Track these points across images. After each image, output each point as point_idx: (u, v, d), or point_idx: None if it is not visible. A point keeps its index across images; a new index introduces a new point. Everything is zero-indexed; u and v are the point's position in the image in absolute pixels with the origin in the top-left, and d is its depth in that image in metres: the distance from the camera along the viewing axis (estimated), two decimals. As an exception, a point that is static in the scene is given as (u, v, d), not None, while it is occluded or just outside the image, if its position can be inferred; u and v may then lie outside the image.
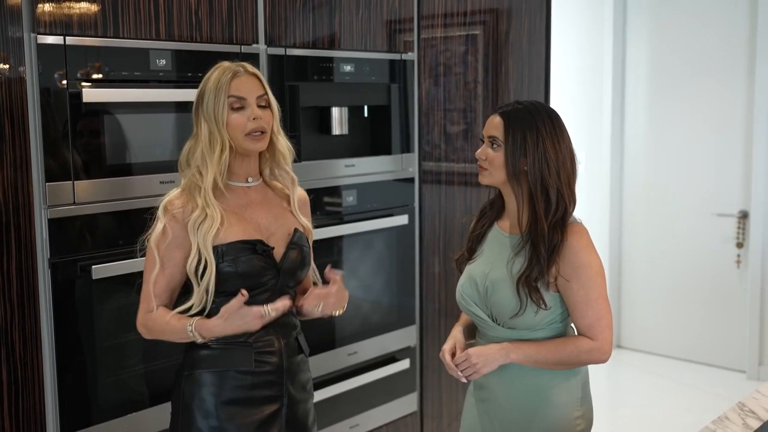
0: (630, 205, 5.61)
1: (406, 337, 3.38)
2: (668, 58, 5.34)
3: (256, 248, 2.01)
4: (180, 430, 2.05)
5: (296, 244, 2.10)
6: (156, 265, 1.99)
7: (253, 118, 2.01)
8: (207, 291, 1.98)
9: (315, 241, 2.90)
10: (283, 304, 2.00)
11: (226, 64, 2.06)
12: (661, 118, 5.41)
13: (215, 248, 1.98)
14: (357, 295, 3.20)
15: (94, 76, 2.31)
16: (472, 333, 2.24)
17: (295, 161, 2.82)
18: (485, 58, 3.61)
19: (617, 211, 5.64)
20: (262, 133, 2.04)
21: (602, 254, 5.36)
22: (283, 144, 2.13)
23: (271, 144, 2.10)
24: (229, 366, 2.02)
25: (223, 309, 1.95)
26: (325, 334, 3.05)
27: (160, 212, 2.01)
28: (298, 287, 2.18)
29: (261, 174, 2.15)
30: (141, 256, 2.09)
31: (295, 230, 2.12)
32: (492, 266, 2.11)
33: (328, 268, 2.11)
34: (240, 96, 2.01)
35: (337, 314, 2.16)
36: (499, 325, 2.10)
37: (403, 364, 3.35)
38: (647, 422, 4.46)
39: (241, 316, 1.95)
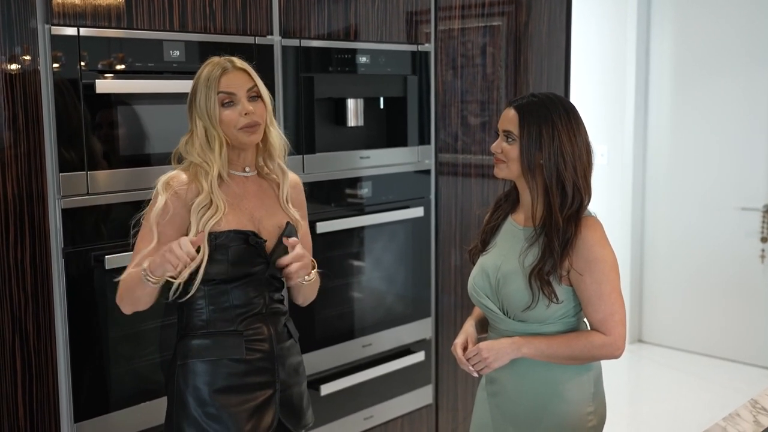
0: (652, 199, 5.55)
1: (422, 329, 3.37)
2: (692, 51, 5.27)
3: (249, 240, 2.03)
4: (175, 420, 2.07)
5: (287, 236, 2.10)
6: (153, 240, 1.97)
7: (245, 114, 2.03)
8: (196, 274, 1.97)
9: (331, 233, 2.92)
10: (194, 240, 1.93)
11: (215, 59, 2.07)
12: (684, 111, 5.34)
13: (209, 235, 1.98)
14: (372, 287, 3.19)
15: (108, 67, 2.33)
16: (484, 327, 2.23)
17: (310, 153, 2.85)
18: (504, 50, 3.58)
19: (639, 204, 5.58)
20: (255, 126, 2.05)
21: (624, 248, 5.42)
22: (276, 136, 2.13)
23: (264, 136, 2.11)
24: (221, 355, 2.04)
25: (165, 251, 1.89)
26: (340, 326, 3.06)
27: (160, 188, 2.01)
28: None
29: (257, 166, 2.16)
30: (134, 234, 2.07)
31: (287, 223, 2.13)
32: (504, 259, 2.10)
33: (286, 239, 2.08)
34: (229, 92, 2.03)
35: (309, 279, 2.12)
36: (510, 318, 2.09)
37: (419, 357, 3.34)
38: (666, 417, 4.42)
39: (172, 260, 1.87)
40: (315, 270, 2.16)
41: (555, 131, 2.01)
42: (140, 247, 2.01)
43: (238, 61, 2.07)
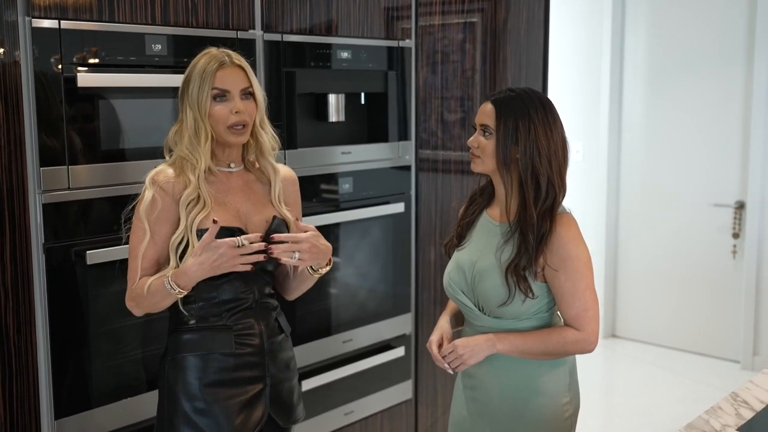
0: (626, 195, 5.61)
1: (402, 324, 3.38)
2: (666, 48, 5.33)
3: (235, 235, 1.99)
4: (166, 414, 2.06)
5: (274, 231, 2.09)
6: (146, 235, 1.98)
7: (235, 112, 2.02)
8: None
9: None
10: (255, 235, 1.97)
11: (213, 51, 2.05)
12: (658, 108, 5.40)
13: (197, 232, 1.98)
14: (352, 283, 3.19)
15: (90, 61, 2.30)
16: (459, 321, 2.25)
17: (291, 148, 2.84)
18: (483, 46, 3.60)
19: (614, 200, 5.64)
20: (244, 126, 2.05)
21: (598, 243, 5.47)
22: (267, 136, 2.12)
23: (255, 136, 2.10)
24: (212, 349, 2.04)
25: (196, 247, 1.92)
26: (320, 321, 3.05)
27: (147, 183, 2.02)
28: (275, 271, 2.19)
29: (243, 160, 2.15)
30: (126, 231, 2.06)
31: (274, 217, 2.11)
32: (480, 255, 2.11)
33: (294, 220, 2.10)
34: (223, 89, 2.01)
35: (322, 271, 2.11)
36: (485, 314, 2.10)
37: (398, 352, 3.35)
38: (640, 411, 4.47)
39: (214, 249, 1.91)
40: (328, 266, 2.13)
41: (531, 125, 2.02)
42: (134, 244, 2.01)
43: (236, 57, 2.06)
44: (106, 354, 2.41)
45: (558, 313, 2.13)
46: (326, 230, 3.02)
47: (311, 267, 2.10)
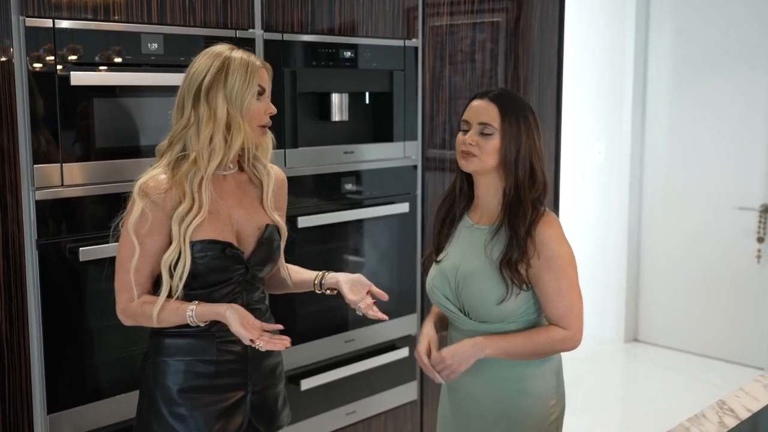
0: (649, 198, 5.52)
1: (406, 325, 3.36)
2: (690, 50, 5.24)
3: (225, 251, 1.97)
4: (144, 416, 2.05)
5: (267, 239, 2.06)
6: (135, 250, 1.92)
7: (269, 112, 2.01)
8: (180, 281, 1.93)
9: (314, 228, 2.91)
10: (277, 327, 1.96)
11: (228, 46, 1.98)
12: (682, 110, 5.31)
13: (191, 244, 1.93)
14: (357, 283, 3.18)
15: (84, 60, 2.31)
16: (444, 324, 2.22)
17: (292, 147, 2.84)
18: (494, 45, 3.56)
19: (636, 203, 5.55)
20: (268, 126, 2.03)
21: (620, 246, 5.42)
22: (269, 138, 2.09)
23: None
24: (192, 355, 2.01)
25: (245, 316, 1.89)
26: (323, 321, 3.05)
27: (135, 194, 1.93)
28: (267, 277, 2.17)
29: (238, 161, 2.09)
30: (114, 241, 2.02)
31: (267, 225, 2.07)
32: (462, 259, 2.09)
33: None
34: (263, 87, 1.99)
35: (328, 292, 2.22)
36: (470, 318, 2.09)
37: (403, 353, 3.33)
38: (660, 416, 4.38)
39: (245, 329, 1.88)
40: None
41: (530, 126, 2.05)
42: (125, 256, 1.94)
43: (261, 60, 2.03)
44: (98, 350, 2.43)
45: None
46: (330, 230, 3.01)
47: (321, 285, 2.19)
